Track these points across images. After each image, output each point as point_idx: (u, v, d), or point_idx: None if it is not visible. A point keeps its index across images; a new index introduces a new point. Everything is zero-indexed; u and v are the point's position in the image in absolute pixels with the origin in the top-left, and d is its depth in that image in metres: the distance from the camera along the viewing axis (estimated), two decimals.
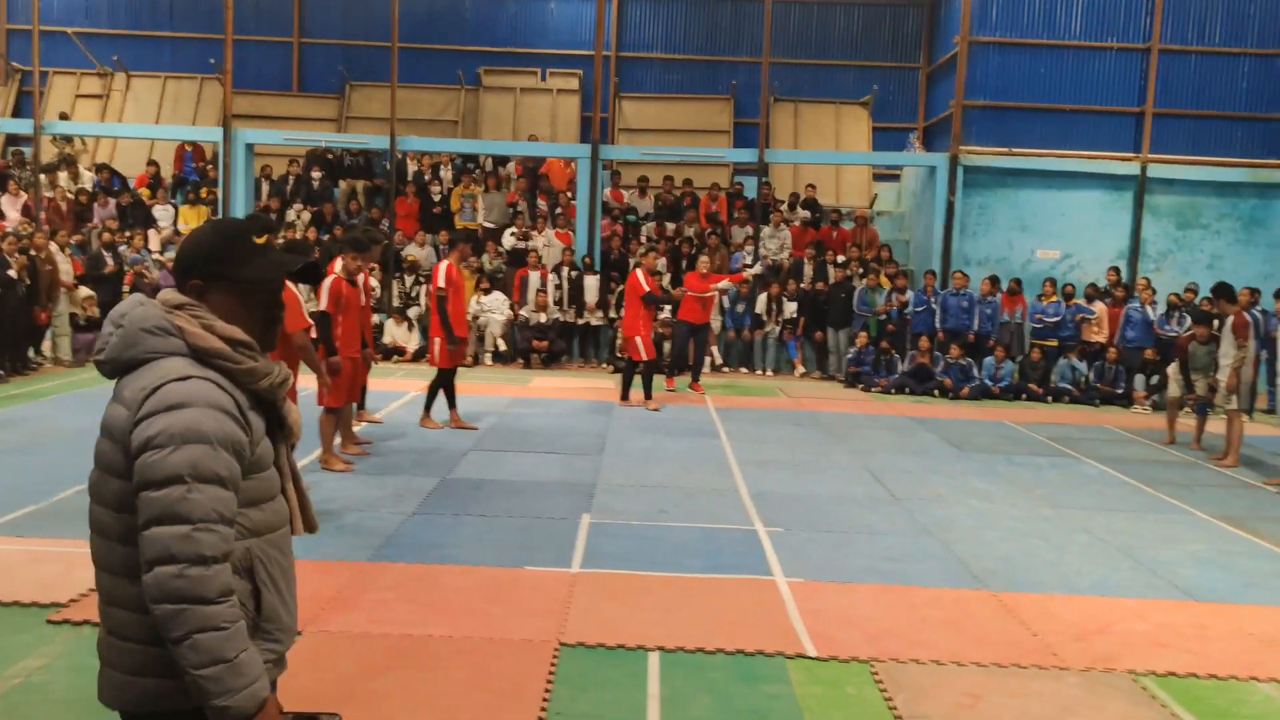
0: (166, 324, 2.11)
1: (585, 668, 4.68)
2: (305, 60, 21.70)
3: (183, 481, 1.97)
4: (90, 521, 2.14)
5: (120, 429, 2.05)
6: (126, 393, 2.08)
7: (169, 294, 2.18)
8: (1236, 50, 17.47)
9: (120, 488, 2.05)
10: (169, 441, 1.98)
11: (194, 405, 2.02)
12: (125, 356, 2.10)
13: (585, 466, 8.83)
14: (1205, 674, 4.85)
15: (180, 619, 1.94)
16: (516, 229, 17.06)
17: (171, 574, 1.95)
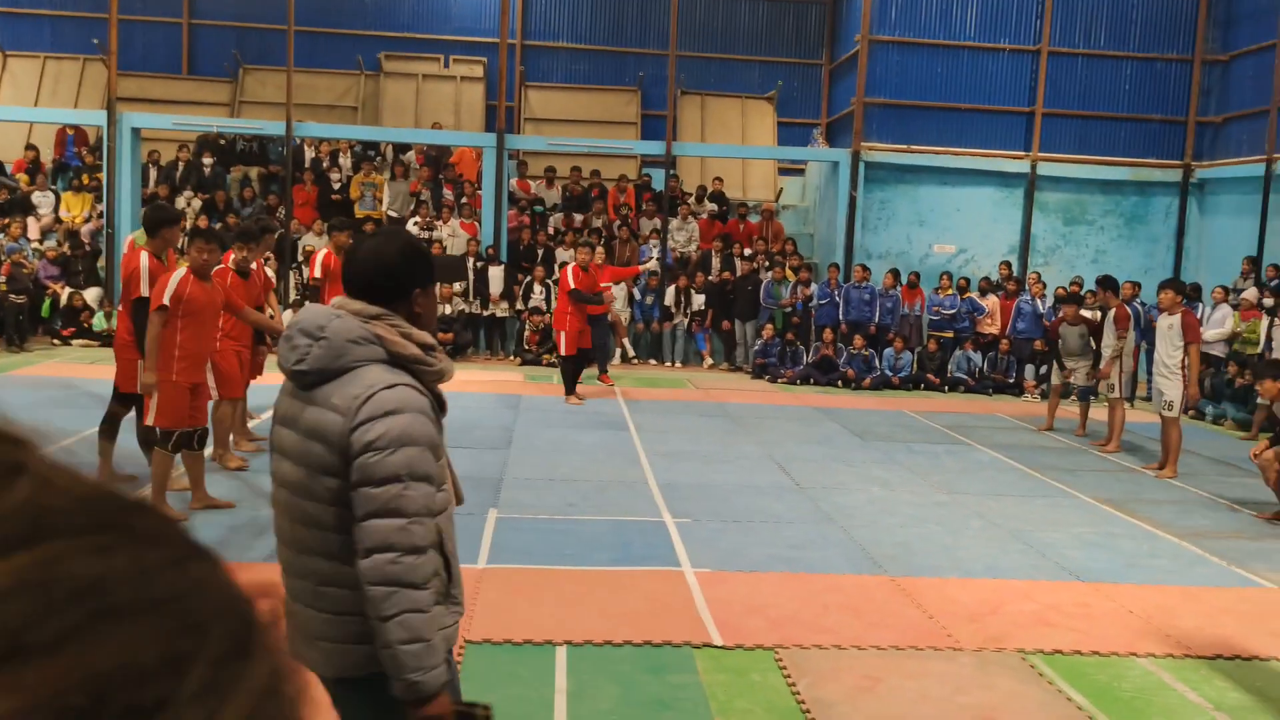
0: (368, 334, 2.32)
1: (491, 665, 4.67)
2: (196, 42, 20.96)
3: (400, 480, 2.21)
4: (293, 516, 2.35)
5: (337, 434, 2.25)
6: (336, 399, 2.27)
7: (360, 305, 2.37)
8: (1120, 54, 18.22)
9: (337, 485, 2.26)
10: (388, 445, 2.21)
11: (406, 411, 2.26)
12: (334, 366, 2.30)
13: (492, 461, 8.78)
14: (1089, 651, 5.09)
15: (392, 600, 2.18)
16: (420, 219, 16.83)
17: (388, 560, 2.19)
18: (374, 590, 2.20)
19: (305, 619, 2.34)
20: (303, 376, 2.33)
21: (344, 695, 2.37)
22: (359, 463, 2.22)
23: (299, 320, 2.38)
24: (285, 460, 2.37)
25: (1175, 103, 18.32)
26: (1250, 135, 17.13)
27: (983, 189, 18.09)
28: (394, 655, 2.20)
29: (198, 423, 6.58)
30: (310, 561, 2.34)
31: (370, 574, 2.20)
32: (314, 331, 2.32)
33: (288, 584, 2.39)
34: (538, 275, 16.09)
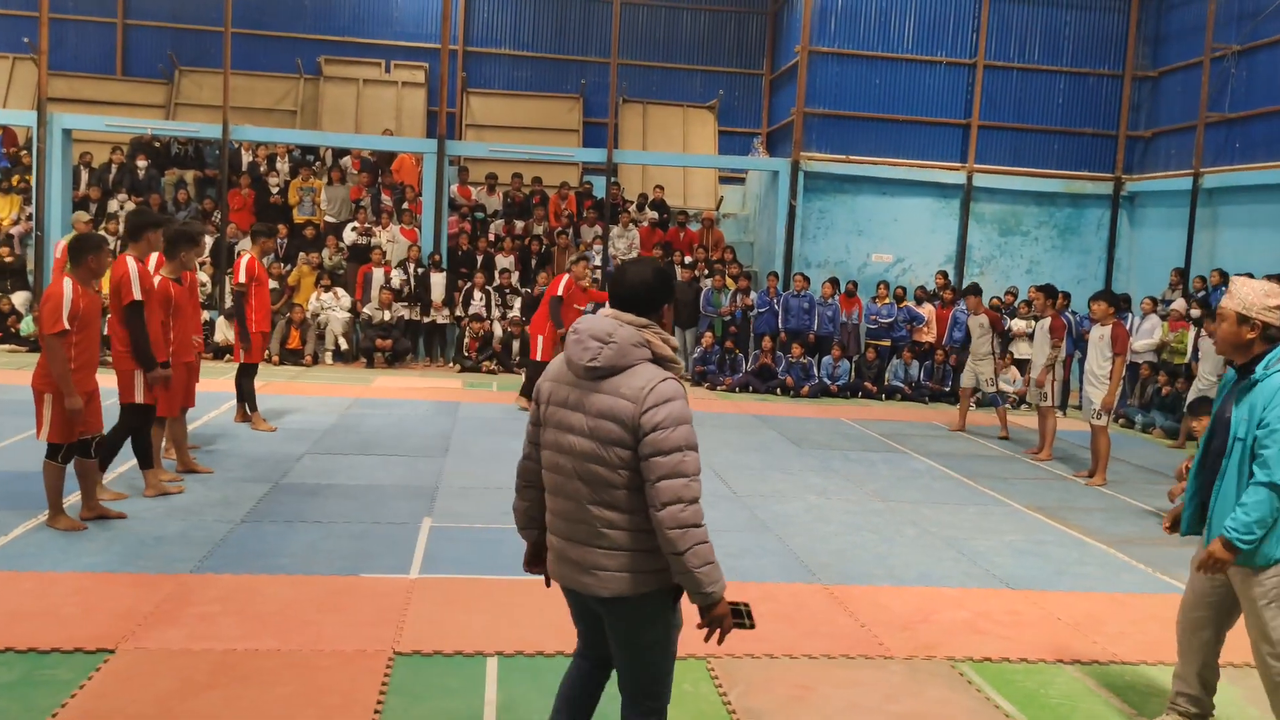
0: (641, 340, 3.09)
1: (420, 676, 4.59)
2: (130, 42, 20.49)
3: (681, 450, 2.98)
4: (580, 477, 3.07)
5: (629, 415, 2.99)
6: (624, 390, 3.02)
7: (632, 317, 3.13)
8: (1053, 68, 18.62)
9: (628, 455, 3.01)
10: (671, 424, 2.97)
11: (678, 398, 3.02)
12: (621, 364, 3.06)
13: (428, 469, 8.67)
14: (1017, 658, 5.14)
15: (686, 536, 2.95)
16: (358, 224, 16.60)
17: (679, 509, 2.95)
18: (672, 532, 2.95)
19: (582, 554, 3.12)
20: (596, 371, 3.07)
21: (613, 610, 3.14)
22: (650, 438, 2.96)
23: (589, 327, 3.11)
24: (571, 434, 3.10)
25: (1106, 117, 18.78)
26: (1178, 150, 17.61)
27: (920, 199, 18.35)
28: (692, 576, 2.98)
29: (90, 430, 6.42)
30: (594, 511, 3.07)
31: (668, 520, 2.94)
32: (603, 338, 3.08)
33: (565, 529, 3.16)
34: (478, 282, 15.97)
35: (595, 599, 3.15)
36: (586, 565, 3.11)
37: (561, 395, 3.17)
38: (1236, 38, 16.09)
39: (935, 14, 18.31)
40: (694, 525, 2.97)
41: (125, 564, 5.85)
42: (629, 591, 3.09)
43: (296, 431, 9.96)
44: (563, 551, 3.19)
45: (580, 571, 3.13)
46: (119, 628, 4.92)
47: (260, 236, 10.26)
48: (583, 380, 3.11)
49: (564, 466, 3.13)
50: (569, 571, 3.18)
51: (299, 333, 15.34)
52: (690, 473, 2.99)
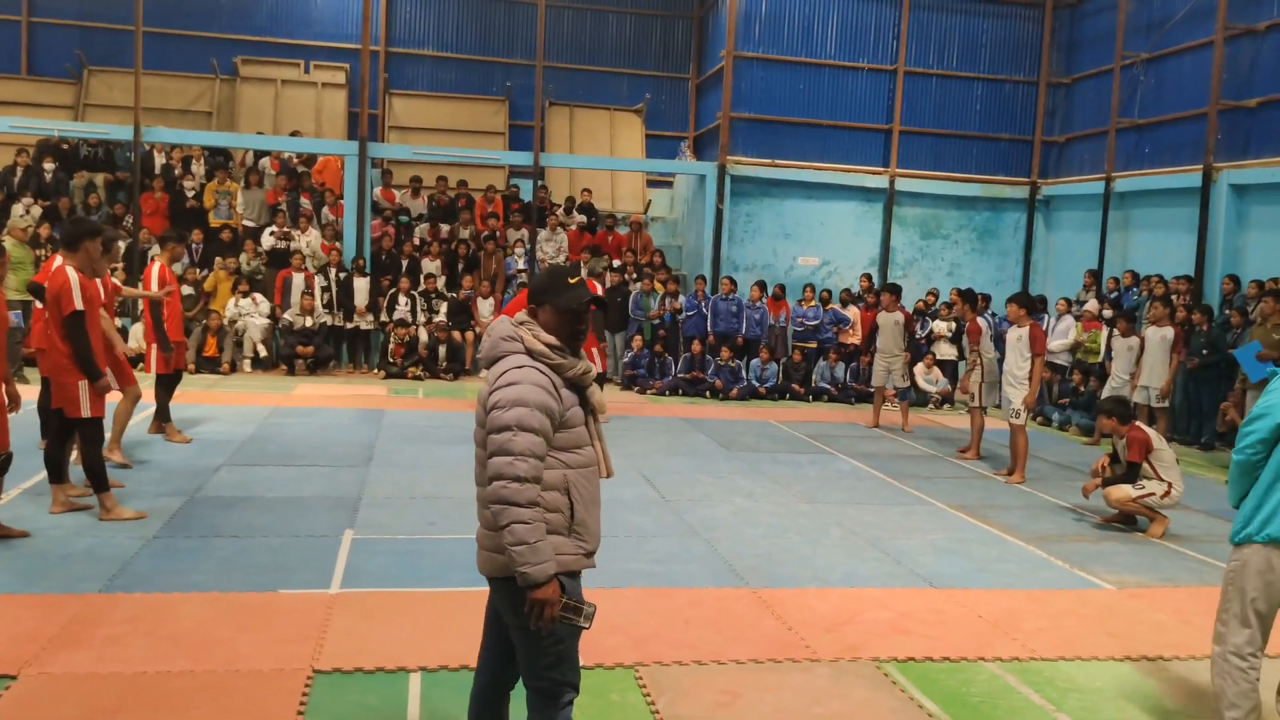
0: (514, 334, 3.27)
1: (340, 694, 4.47)
2: (36, 41, 19.77)
3: (511, 429, 3.10)
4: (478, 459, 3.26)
5: (482, 397, 3.25)
6: (490, 376, 3.24)
7: (520, 315, 3.35)
8: (971, 75, 19.02)
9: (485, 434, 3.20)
10: (506, 404, 3.13)
11: (524, 383, 3.15)
12: (494, 355, 3.29)
13: (350, 479, 8.49)
14: (940, 657, 5.20)
15: (505, 514, 3.07)
16: (276, 228, 16.24)
17: (500, 485, 3.08)
18: (493, 508, 3.11)
19: (479, 534, 3.36)
20: (482, 361, 3.36)
21: (493, 588, 3.34)
22: (490, 417, 3.17)
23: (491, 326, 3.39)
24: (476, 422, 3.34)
25: (1023, 123, 19.25)
26: (1091, 154, 18.12)
27: (845, 203, 18.59)
28: (509, 553, 3.10)
29: None
30: (479, 491, 3.29)
31: (489, 495, 3.12)
32: (488, 333, 3.36)
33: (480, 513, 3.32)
34: (403, 287, 15.74)
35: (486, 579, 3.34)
36: (480, 544, 3.35)
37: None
38: (1146, 46, 16.62)
39: (857, 21, 18.57)
40: (513, 503, 3.06)
41: (28, 584, 5.62)
42: (499, 572, 3.23)
43: (213, 442, 9.69)
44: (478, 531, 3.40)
45: (478, 550, 3.36)
46: (21, 652, 4.71)
47: (169, 242, 9.98)
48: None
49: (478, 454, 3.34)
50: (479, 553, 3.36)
51: (216, 340, 14.95)
52: (516, 451, 3.07)
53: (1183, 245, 15.31)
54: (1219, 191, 14.66)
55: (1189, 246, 15.05)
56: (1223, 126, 14.82)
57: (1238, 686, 3.99)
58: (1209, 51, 14.99)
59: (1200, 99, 15.23)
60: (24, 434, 6.95)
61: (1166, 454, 8.03)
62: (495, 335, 3.31)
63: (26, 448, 8.01)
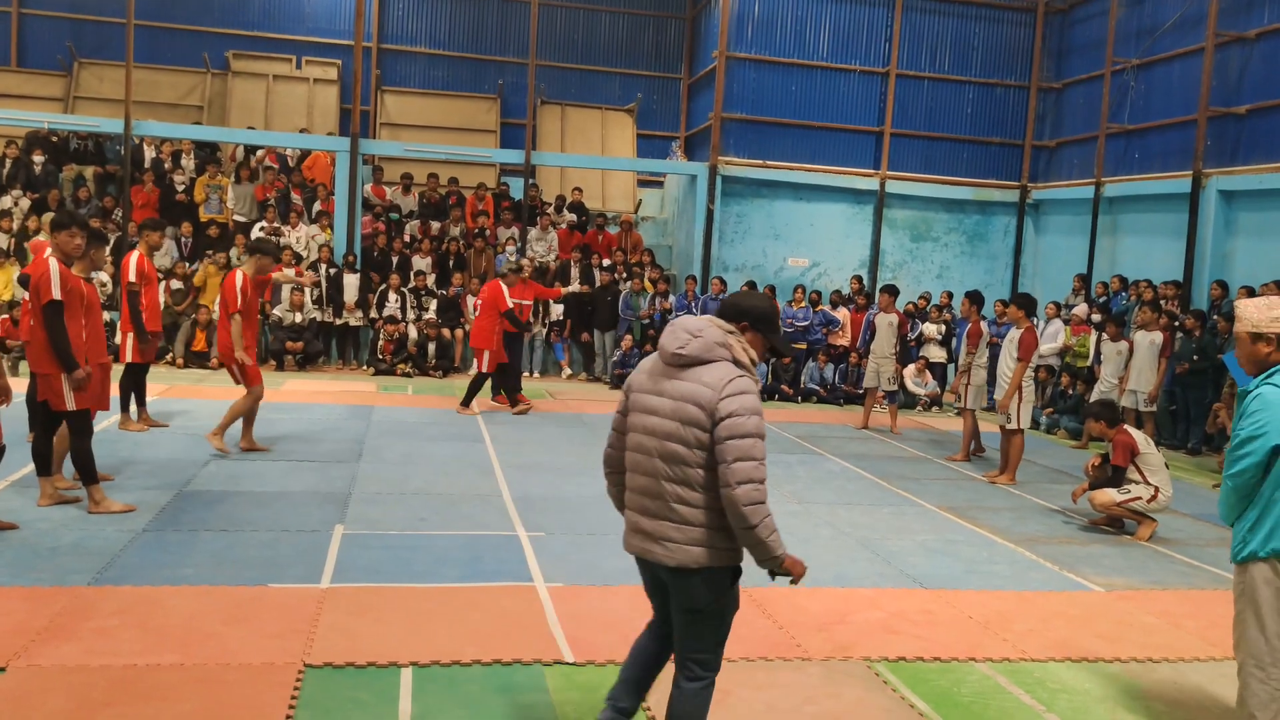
0: (725, 341, 3.48)
1: (331, 689, 4.46)
2: (26, 32, 19.64)
3: (753, 437, 3.35)
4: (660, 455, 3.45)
5: (708, 400, 3.36)
6: (706, 378, 3.40)
7: (722, 324, 3.54)
8: (962, 79, 19.09)
9: (704, 437, 3.37)
10: (746, 413, 3.35)
11: (753, 394, 3.41)
12: (705, 357, 3.44)
13: (340, 475, 8.47)
14: (930, 657, 5.22)
15: (757, 512, 3.33)
16: (266, 223, 16.17)
17: (751, 488, 3.32)
18: (745, 509, 3.31)
19: (655, 526, 3.48)
20: (681, 358, 3.47)
21: (678, 579, 3.49)
22: (727, 423, 3.33)
23: (683, 322, 3.55)
24: (654, 416, 3.49)
25: (1013, 127, 19.33)
26: (1081, 159, 18.20)
27: (835, 205, 18.64)
28: (764, 545, 3.37)
29: None
30: (669, 487, 3.43)
31: (742, 497, 3.30)
32: (695, 331, 3.48)
33: (642, 504, 3.52)
34: (393, 283, 15.70)
35: (663, 568, 3.49)
36: (658, 537, 3.47)
37: (648, 383, 3.58)
38: (1136, 52, 16.71)
39: (849, 23, 18.62)
40: (761, 503, 3.35)
41: (16, 576, 5.58)
42: (693, 564, 3.44)
43: (202, 437, 9.64)
44: (637, 524, 3.56)
45: (652, 542, 3.49)
46: (10, 644, 4.68)
47: (146, 231, 9.94)
48: (669, 367, 3.51)
49: (646, 446, 3.50)
50: (640, 542, 3.55)
51: (205, 335, 14.88)
52: (760, 457, 3.36)
53: (1171, 250, 15.40)
54: (1208, 197, 14.75)
55: (1178, 252, 15.14)
56: (1212, 132, 14.91)
57: (1263, 691, 3.98)
58: (1199, 58, 15.08)
59: (1190, 105, 15.32)
60: (10, 426, 6.90)
61: (1154, 458, 8.07)
62: (708, 339, 3.46)
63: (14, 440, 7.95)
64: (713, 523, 3.41)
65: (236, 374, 9.10)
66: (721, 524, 3.41)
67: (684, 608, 3.54)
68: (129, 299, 9.42)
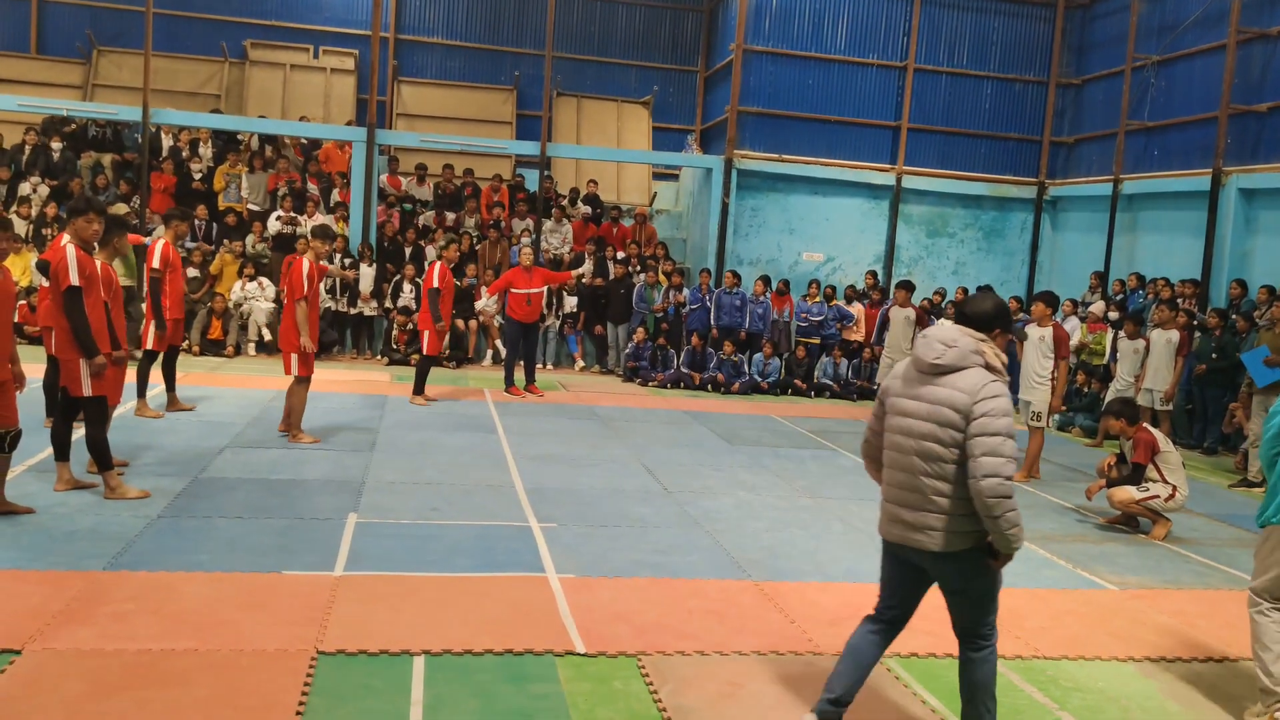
0: (979, 349, 3.84)
1: (344, 677, 4.48)
2: (46, 20, 19.73)
3: (1002, 436, 3.67)
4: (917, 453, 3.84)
5: (964, 404, 3.73)
6: (961, 384, 3.76)
7: (974, 331, 3.89)
8: (981, 73, 18.98)
9: (959, 437, 3.74)
10: (998, 414, 3.69)
11: (1005, 397, 3.75)
12: (960, 365, 3.80)
13: (354, 463, 8.50)
14: (942, 653, 5.20)
15: (1003, 504, 3.65)
16: (283, 212, 16.21)
17: (997, 482, 3.64)
18: (990, 500, 3.64)
19: (916, 517, 3.87)
20: (938, 367, 3.83)
21: (941, 563, 3.88)
22: (980, 422, 3.70)
23: (937, 334, 3.89)
24: (911, 418, 3.87)
25: (1031, 123, 19.21)
26: (1100, 156, 18.08)
27: (851, 199, 18.57)
28: (1005, 536, 3.71)
29: (1, 423, 6.21)
30: (926, 481, 3.83)
31: (988, 488, 3.64)
32: (949, 342, 3.84)
33: (901, 496, 3.92)
34: (408, 274, 15.72)
35: (926, 554, 3.88)
36: (921, 526, 3.85)
37: (904, 389, 3.94)
38: (1157, 49, 16.58)
39: (867, 16, 18.54)
40: (1007, 496, 3.65)
41: (33, 561, 5.62)
42: (953, 548, 3.82)
43: (217, 424, 9.70)
44: (897, 515, 3.94)
45: (915, 531, 3.87)
46: (26, 627, 4.71)
47: (174, 220, 10.05)
48: (924, 375, 3.88)
49: (904, 445, 3.90)
50: (902, 531, 3.92)
51: (220, 322, 14.95)
52: (1007, 454, 3.68)
53: (1190, 249, 15.29)
54: (1228, 195, 14.64)
55: (1196, 250, 15.03)
56: (1233, 130, 14.79)
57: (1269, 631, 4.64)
58: (1221, 55, 14.96)
59: (1211, 102, 15.20)
60: (27, 411, 6.95)
61: (1173, 456, 8.03)
62: (963, 348, 3.83)
63: (31, 425, 8.01)
64: (964, 510, 3.79)
65: (292, 363, 9.14)
66: (971, 510, 3.78)
67: (950, 588, 3.96)
68: (151, 286, 9.54)
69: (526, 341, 13.12)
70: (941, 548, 3.83)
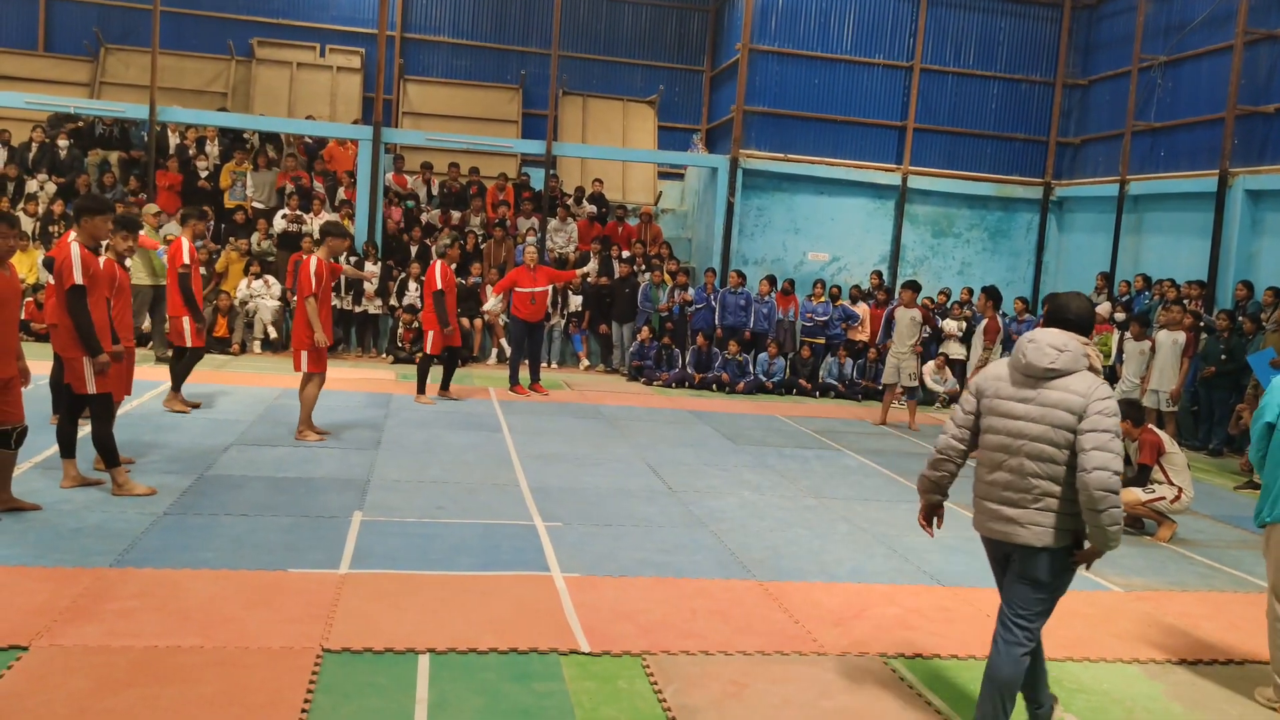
0: (1085, 354, 4.01)
1: (350, 674, 4.49)
2: (53, 18, 19.79)
3: (1112, 434, 3.85)
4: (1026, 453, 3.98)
5: (1079, 406, 3.88)
6: (1074, 387, 3.93)
7: (1078, 336, 4.05)
8: (987, 74, 18.96)
9: (1071, 438, 3.89)
10: (1109, 414, 3.87)
11: (1112, 397, 3.95)
12: (1072, 368, 3.96)
13: (359, 461, 8.51)
14: (947, 654, 5.20)
15: (1108, 499, 3.79)
16: (289, 211, 16.23)
17: (1106, 476, 3.78)
18: (1096, 493, 3.78)
19: (1019, 513, 4.01)
20: (1051, 371, 3.97)
21: (1035, 556, 4.02)
22: (1092, 420, 3.86)
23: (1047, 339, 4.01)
24: (1021, 420, 4.00)
25: (1038, 123, 19.19)
26: (1106, 157, 18.06)
27: (856, 199, 18.56)
28: (1104, 531, 3.85)
29: (9, 420, 6.23)
30: (1033, 480, 3.98)
31: (1094, 484, 3.78)
32: (1060, 346, 3.98)
33: (1003, 495, 4.06)
34: (413, 272, 15.74)
35: (1023, 548, 4.03)
36: (1024, 522, 4.01)
37: (1010, 391, 4.07)
38: (1164, 49, 16.55)
39: (874, 16, 18.52)
40: (1114, 491, 3.79)
41: (40, 557, 5.65)
42: (1052, 543, 3.98)
43: (223, 422, 9.72)
44: (999, 512, 4.09)
45: (1016, 526, 4.02)
46: (33, 623, 4.73)
47: (191, 219, 10.22)
48: (1034, 379, 4.02)
49: (1011, 445, 4.03)
50: (1002, 526, 4.07)
51: (226, 320, 14.98)
52: (1116, 451, 3.83)
53: (1196, 250, 15.26)
54: (1234, 197, 14.61)
55: (1202, 251, 15.00)
56: (1239, 131, 14.76)
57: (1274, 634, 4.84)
58: (1228, 56, 14.92)
59: (1218, 103, 15.17)
60: (33, 407, 6.97)
61: (1178, 458, 8.01)
62: (1074, 353, 3.99)
63: (37, 422, 8.04)
64: (1068, 509, 3.94)
65: (302, 360, 9.21)
66: (1074, 510, 3.92)
67: (1031, 579, 4.07)
68: (182, 283, 9.71)
69: (531, 340, 13.15)
70: (1043, 543, 3.98)
